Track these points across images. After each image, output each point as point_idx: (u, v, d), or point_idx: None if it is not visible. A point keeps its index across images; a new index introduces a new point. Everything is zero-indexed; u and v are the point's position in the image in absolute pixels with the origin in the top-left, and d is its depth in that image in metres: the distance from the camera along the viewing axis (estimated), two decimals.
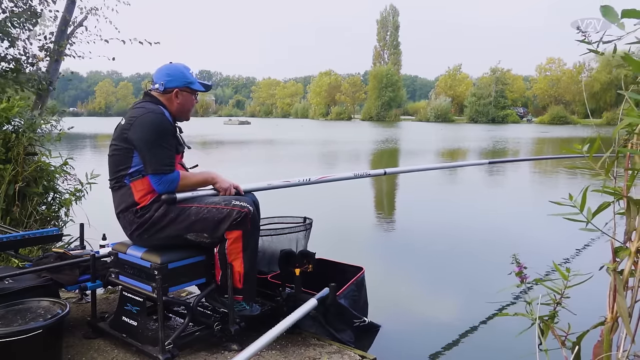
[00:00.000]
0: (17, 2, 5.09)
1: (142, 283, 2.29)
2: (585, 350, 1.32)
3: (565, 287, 1.39)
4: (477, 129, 37.08)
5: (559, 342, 1.37)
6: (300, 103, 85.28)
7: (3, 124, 4.05)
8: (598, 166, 1.31)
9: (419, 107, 70.71)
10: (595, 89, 48.87)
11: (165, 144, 2.26)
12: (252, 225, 2.32)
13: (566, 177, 10.08)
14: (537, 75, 63.35)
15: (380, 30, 70.70)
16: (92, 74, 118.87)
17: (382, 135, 28.45)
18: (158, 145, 2.23)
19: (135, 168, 2.26)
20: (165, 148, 2.25)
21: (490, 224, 6.20)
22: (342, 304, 2.60)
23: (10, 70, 5.00)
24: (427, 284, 4.09)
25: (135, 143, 2.23)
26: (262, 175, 10.21)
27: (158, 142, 2.23)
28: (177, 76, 2.37)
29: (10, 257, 3.26)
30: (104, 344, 2.46)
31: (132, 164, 2.26)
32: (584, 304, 1.55)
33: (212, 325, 2.36)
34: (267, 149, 19.95)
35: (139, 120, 2.25)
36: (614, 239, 1.27)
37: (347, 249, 4.83)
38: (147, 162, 2.22)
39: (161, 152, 2.23)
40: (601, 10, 1.18)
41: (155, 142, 2.22)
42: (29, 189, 4.02)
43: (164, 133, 2.27)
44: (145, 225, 2.27)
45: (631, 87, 1.30)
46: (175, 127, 2.39)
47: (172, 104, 2.38)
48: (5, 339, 1.89)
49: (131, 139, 2.24)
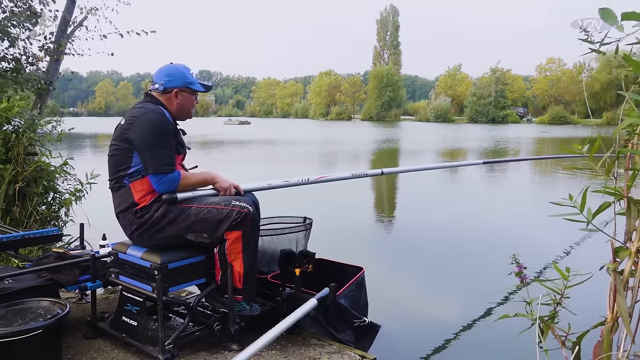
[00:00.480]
0: (17, 2, 5.09)
1: (142, 283, 2.29)
2: (585, 350, 1.32)
3: (565, 287, 1.39)
4: (477, 129, 37.09)
5: (559, 342, 1.37)
6: (300, 103, 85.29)
7: (3, 124, 4.05)
8: (598, 166, 1.31)
9: (419, 107, 70.71)
10: (595, 89, 48.88)
11: (165, 143, 2.25)
12: (251, 226, 2.32)
13: (566, 178, 10.08)
14: (537, 75, 63.35)
15: (380, 30, 70.69)
16: (92, 73, 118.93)
17: (382, 135, 28.45)
18: (158, 145, 2.22)
19: (134, 168, 2.26)
20: (166, 148, 2.25)
21: (491, 224, 6.20)
22: (342, 304, 2.60)
23: (10, 70, 5.00)
24: (427, 284, 4.09)
25: (135, 143, 2.23)
26: (262, 175, 10.21)
27: (158, 142, 2.23)
28: (177, 76, 2.37)
29: (10, 257, 3.26)
30: (104, 344, 2.46)
31: (132, 164, 2.26)
32: (584, 304, 1.55)
33: (212, 325, 2.36)
34: (267, 149, 19.95)
35: (139, 120, 2.25)
36: (614, 239, 1.27)
37: (347, 249, 4.83)
38: (147, 162, 2.22)
39: (161, 152, 2.23)
40: (600, 13, 1.18)
41: (155, 142, 2.22)
42: (29, 189, 4.02)
43: (164, 133, 2.27)
44: (145, 226, 2.26)
45: (632, 87, 1.30)
46: (176, 128, 2.39)
47: (172, 104, 2.38)
48: (5, 339, 1.89)
49: (131, 139, 2.24)
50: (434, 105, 60.88)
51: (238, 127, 44.43)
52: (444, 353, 2.88)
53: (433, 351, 2.87)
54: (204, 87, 2.47)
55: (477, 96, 57.68)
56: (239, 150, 18.96)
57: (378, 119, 61.26)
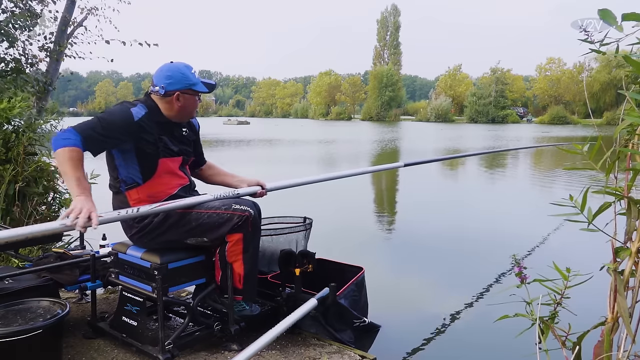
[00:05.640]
0: (17, 2, 5.09)
1: (142, 283, 2.29)
2: (585, 350, 1.32)
3: (566, 287, 1.39)
4: (478, 129, 37.08)
5: (560, 342, 1.37)
6: (300, 103, 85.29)
7: (3, 124, 4.05)
8: (599, 166, 1.31)
9: (419, 107, 70.70)
10: (595, 89, 48.86)
11: (103, 120, 2.08)
12: (253, 228, 2.30)
13: (566, 178, 10.07)
14: (537, 75, 63.35)
15: (380, 30, 70.65)
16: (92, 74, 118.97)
17: (383, 135, 28.44)
18: (95, 117, 2.10)
19: (123, 176, 2.22)
20: (98, 120, 2.08)
21: (491, 224, 6.20)
22: (342, 304, 2.60)
23: (10, 70, 5.00)
24: (427, 284, 4.09)
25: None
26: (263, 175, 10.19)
27: (99, 115, 2.13)
28: (178, 78, 2.24)
29: (10, 257, 3.26)
30: (104, 344, 2.46)
31: (117, 164, 2.22)
32: (584, 304, 1.55)
33: (212, 325, 2.36)
34: (267, 149, 19.94)
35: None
36: (614, 239, 1.27)
37: (347, 249, 4.83)
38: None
39: (92, 120, 2.08)
40: (599, 14, 1.18)
41: (97, 114, 2.13)
42: (29, 189, 4.01)
43: (110, 113, 2.15)
44: (145, 230, 2.25)
45: (632, 87, 1.30)
46: (165, 129, 2.29)
47: (173, 108, 2.27)
48: (5, 339, 1.89)
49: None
50: (434, 105, 60.85)
51: (237, 127, 44.47)
52: (444, 353, 2.88)
53: (433, 351, 2.87)
54: (207, 87, 2.33)
55: (477, 96, 57.64)
56: (238, 150, 18.94)
57: (378, 119, 61.24)
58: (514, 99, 61.81)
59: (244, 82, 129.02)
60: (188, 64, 2.31)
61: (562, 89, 57.48)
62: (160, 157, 2.24)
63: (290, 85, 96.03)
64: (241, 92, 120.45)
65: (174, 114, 2.30)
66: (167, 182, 2.28)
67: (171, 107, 2.28)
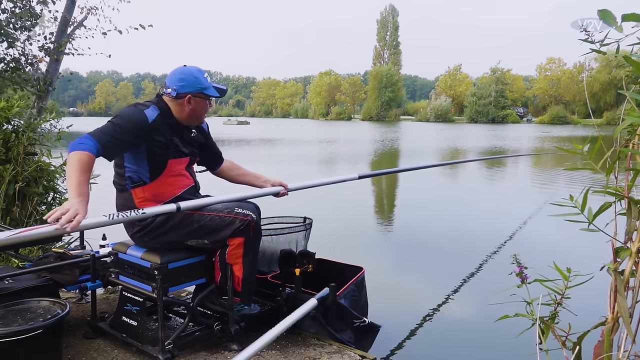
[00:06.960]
0: (16, 2, 5.09)
1: (142, 283, 2.29)
2: (585, 350, 1.32)
3: (566, 287, 1.39)
4: (478, 129, 37.08)
5: (560, 342, 1.37)
6: (300, 103, 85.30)
7: (3, 123, 4.05)
8: (599, 167, 1.31)
9: (419, 107, 70.71)
10: (595, 89, 48.90)
11: (116, 124, 2.09)
12: (254, 232, 2.31)
13: (566, 178, 10.07)
14: (537, 75, 63.38)
15: (380, 30, 70.69)
16: (92, 74, 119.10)
17: (383, 135, 28.44)
18: (109, 122, 2.11)
19: (130, 173, 2.23)
20: (111, 124, 2.09)
21: (491, 224, 6.20)
22: (342, 304, 2.60)
23: (10, 70, 5.00)
24: (427, 284, 4.09)
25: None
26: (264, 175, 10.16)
27: (112, 119, 2.13)
28: (191, 81, 2.25)
29: (10, 257, 3.26)
30: (104, 344, 2.46)
31: (125, 164, 2.23)
32: (584, 305, 1.55)
33: (212, 325, 2.36)
34: (268, 148, 19.93)
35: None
36: (614, 239, 1.27)
37: (347, 249, 4.83)
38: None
39: (106, 126, 2.09)
40: (599, 14, 1.18)
41: (112, 119, 2.13)
42: (29, 189, 4.01)
43: (124, 117, 2.14)
44: (147, 229, 2.26)
45: (632, 87, 1.30)
46: (175, 130, 2.30)
47: (184, 110, 2.28)
48: (5, 339, 1.89)
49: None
50: (434, 105, 60.87)
51: (237, 127, 44.51)
52: (444, 353, 2.88)
53: (433, 351, 2.87)
54: (218, 92, 2.34)
55: (477, 96, 57.67)
56: (239, 150, 18.94)
57: (378, 119, 61.25)
58: (514, 99, 61.85)
59: (244, 82, 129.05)
60: (201, 68, 2.31)
61: (562, 89, 57.50)
62: (170, 158, 2.27)
63: (290, 85, 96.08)
64: (241, 92, 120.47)
65: (185, 116, 2.31)
66: (173, 183, 2.30)
67: (182, 110, 2.29)
